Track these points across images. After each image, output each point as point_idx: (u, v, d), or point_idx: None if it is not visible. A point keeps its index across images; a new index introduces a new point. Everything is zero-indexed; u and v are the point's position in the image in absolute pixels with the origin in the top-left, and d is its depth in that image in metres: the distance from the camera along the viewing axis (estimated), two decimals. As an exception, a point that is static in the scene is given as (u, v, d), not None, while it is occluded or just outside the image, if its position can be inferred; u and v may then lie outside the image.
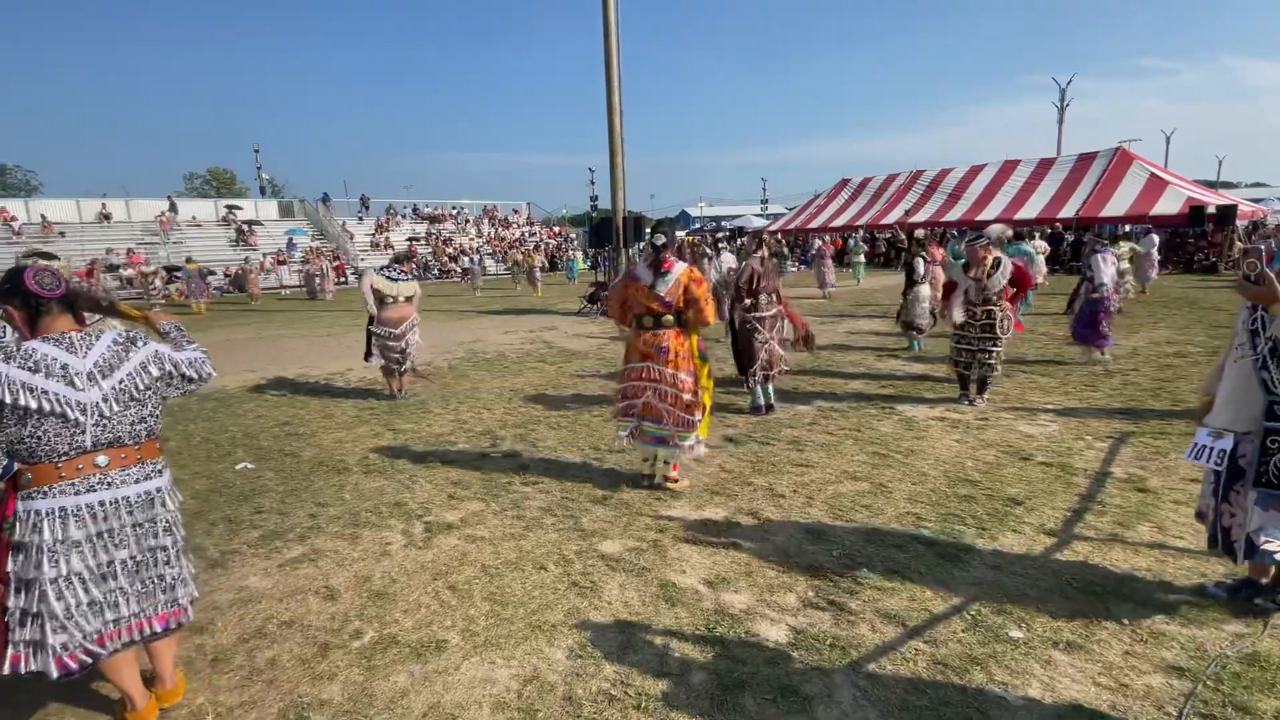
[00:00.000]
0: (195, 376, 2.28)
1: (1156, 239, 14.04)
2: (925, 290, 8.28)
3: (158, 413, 2.22)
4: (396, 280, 6.61)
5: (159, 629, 2.20)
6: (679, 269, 3.90)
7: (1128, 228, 19.95)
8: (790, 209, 40.32)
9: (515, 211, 39.18)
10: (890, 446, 4.76)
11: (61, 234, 26.03)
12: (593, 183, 39.69)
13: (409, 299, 6.66)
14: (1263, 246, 13.05)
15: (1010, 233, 6.10)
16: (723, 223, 42.42)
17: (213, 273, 22.45)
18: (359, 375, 8.08)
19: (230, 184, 58.88)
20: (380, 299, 6.51)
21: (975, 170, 26.95)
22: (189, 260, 19.78)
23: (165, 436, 5.60)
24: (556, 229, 39.20)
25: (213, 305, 19.25)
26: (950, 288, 5.99)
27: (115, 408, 2.06)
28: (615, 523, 3.65)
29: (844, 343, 9.35)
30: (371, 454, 5.02)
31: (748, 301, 5.66)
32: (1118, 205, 21.39)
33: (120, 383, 2.07)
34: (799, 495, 3.93)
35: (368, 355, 6.78)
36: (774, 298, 5.71)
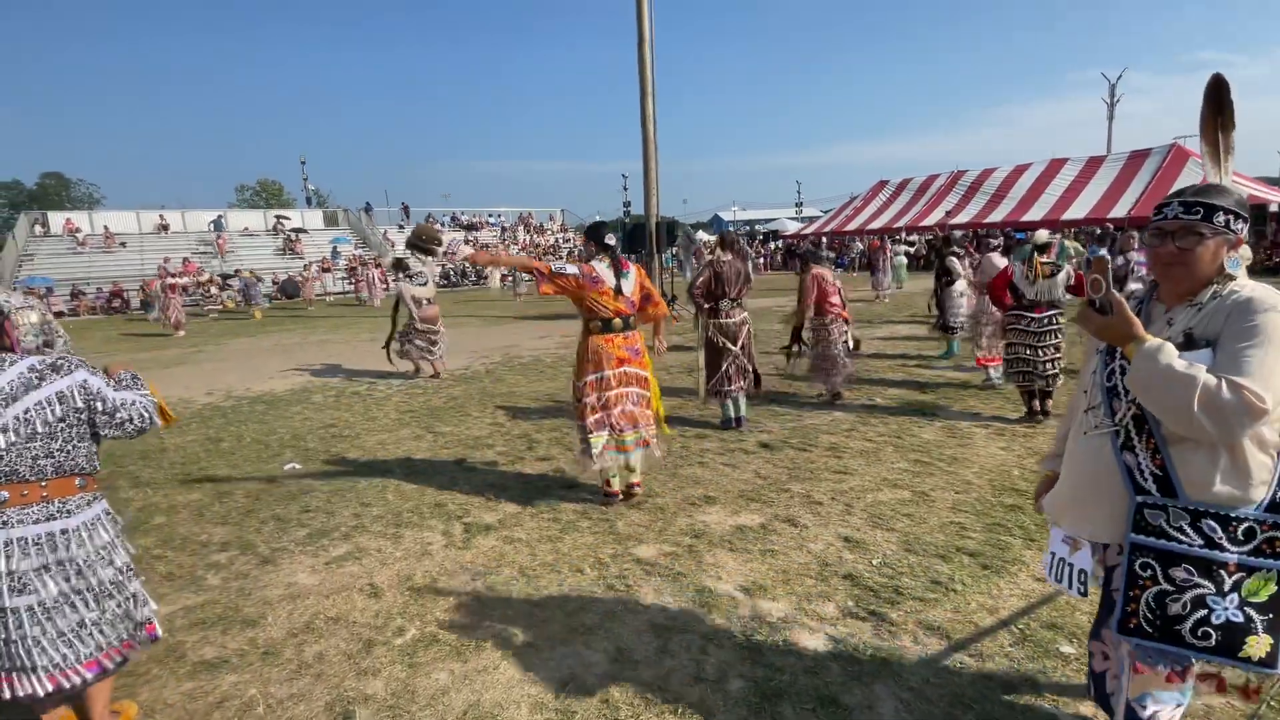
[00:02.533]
0: (126, 419, 2.09)
1: None
2: (960, 286, 8.04)
3: (81, 449, 2.04)
4: (425, 284, 8.39)
5: (89, 676, 2.04)
6: (633, 268, 3.98)
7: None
8: (826, 211, 39.80)
9: (550, 218, 39.69)
10: (932, 454, 4.65)
11: (123, 244, 27.45)
12: (625, 188, 39.97)
13: (431, 300, 8.33)
14: (1104, 253, 8.05)
15: (1056, 236, 5.88)
16: (756, 226, 42.14)
17: (261, 280, 23.36)
18: (401, 379, 8.27)
19: (278, 195, 61.22)
20: (418, 303, 8.13)
21: (1020, 169, 26.14)
22: (248, 271, 20.66)
23: (219, 438, 5.87)
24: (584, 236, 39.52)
25: (262, 312, 19.99)
26: (999, 288, 5.78)
27: (14, 439, 1.91)
28: (650, 527, 3.66)
29: (881, 350, 9.18)
30: (413, 456, 5.14)
31: (706, 307, 5.42)
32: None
33: (25, 412, 1.92)
34: (837, 503, 3.87)
35: (388, 344, 8.26)
36: (739, 304, 5.46)
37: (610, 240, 3.89)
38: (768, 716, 2.16)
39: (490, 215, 38.24)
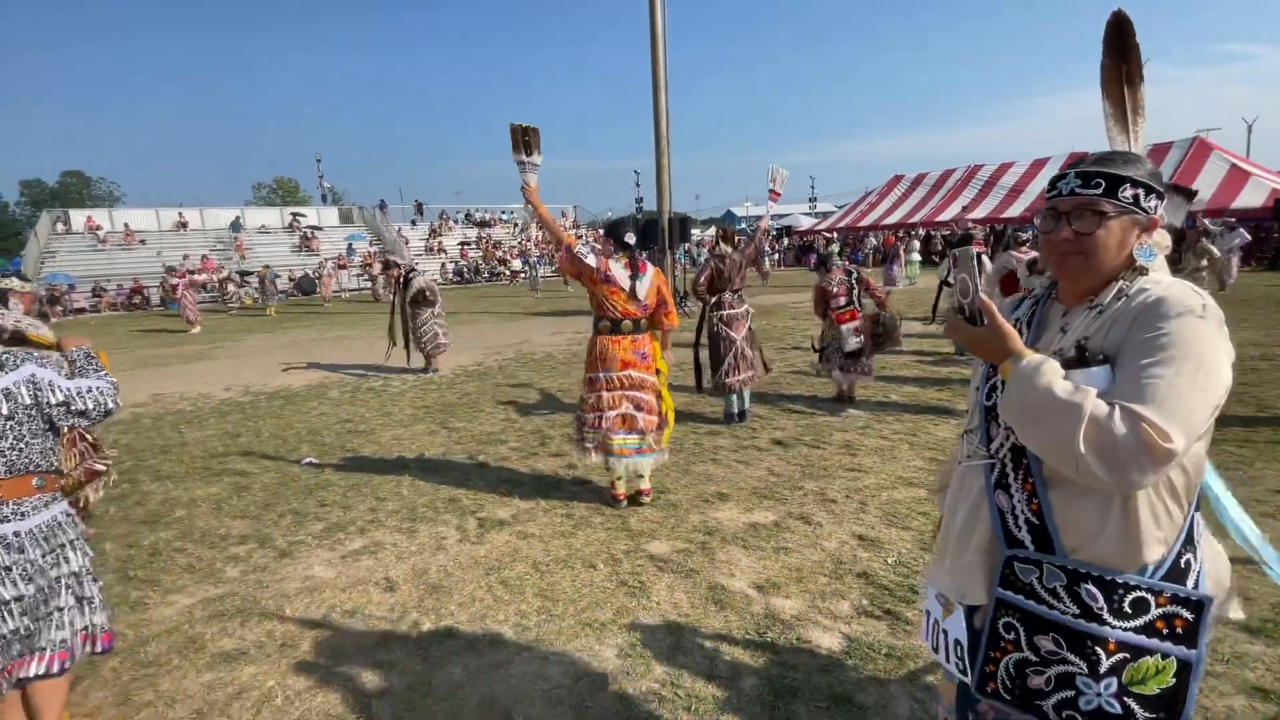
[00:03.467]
0: (85, 409, 2.01)
1: (1244, 235, 13.15)
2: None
3: (35, 445, 1.97)
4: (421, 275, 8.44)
5: (36, 671, 1.97)
6: (651, 270, 3.90)
7: (1207, 221, 18.74)
8: (840, 207, 39.48)
9: (563, 215, 39.69)
10: (948, 451, 4.61)
11: (142, 241, 27.84)
12: (638, 185, 39.79)
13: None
14: (974, 249, 6.63)
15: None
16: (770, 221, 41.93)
17: (278, 276, 23.61)
18: (415, 375, 8.34)
19: (294, 192, 61.82)
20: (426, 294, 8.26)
21: (1039, 164, 25.78)
22: (265, 267, 20.90)
23: (238, 432, 5.95)
24: (602, 231, 39.54)
25: (278, 308, 20.21)
26: (1009, 281, 5.73)
27: None
28: (663, 524, 3.66)
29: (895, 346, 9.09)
30: (427, 451, 5.18)
31: (711, 300, 5.50)
32: (1196, 198, 20.10)
33: None
34: (852, 500, 3.85)
35: (397, 337, 8.53)
36: (741, 296, 5.51)
37: (630, 239, 3.82)
38: (781, 715, 2.16)
39: (503, 212, 38.34)
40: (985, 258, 7.84)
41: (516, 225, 36.86)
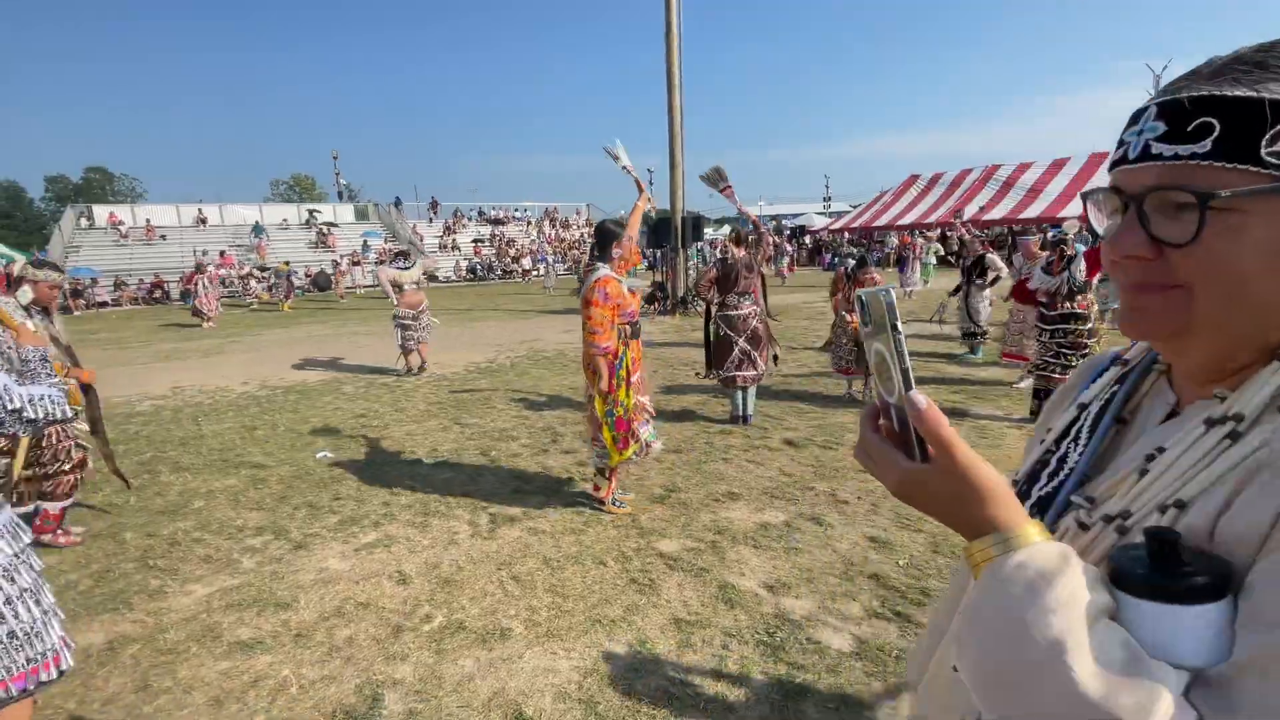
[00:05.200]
0: (35, 417, 1.91)
1: None
2: (986, 293, 7.89)
3: None
4: (406, 269, 8.18)
5: None
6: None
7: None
8: (855, 206, 39.21)
9: (576, 213, 39.79)
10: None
11: (163, 237, 28.28)
12: (651, 183, 39.77)
13: (417, 283, 8.11)
14: (886, 295, 3.71)
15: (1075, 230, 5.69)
16: (783, 221, 41.77)
17: (295, 273, 23.89)
18: (429, 373, 8.41)
19: (310, 189, 62.53)
20: (398, 287, 7.91)
21: (1058, 164, 25.45)
22: (284, 263, 21.18)
23: (254, 426, 6.04)
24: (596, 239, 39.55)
25: (295, 304, 20.46)
26: (1023, 290, 5.67)
27: None
28: (673, 522, 3.67)
29: (910, 348, 9.02)
30: (440, 446, 5.23)
31: (717, 299, 5.49)
32: None
33: None
34: (863, 502, 3.83)
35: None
36: (747, 298, 5.45)
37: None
38: (790, 714, 2.16)
39: (517, 210, 38.48)
40: (998, 264, 7.72)
41: (530, 223, 36.94)
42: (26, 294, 3.62)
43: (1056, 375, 5.09)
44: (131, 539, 3.73)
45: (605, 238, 3.68)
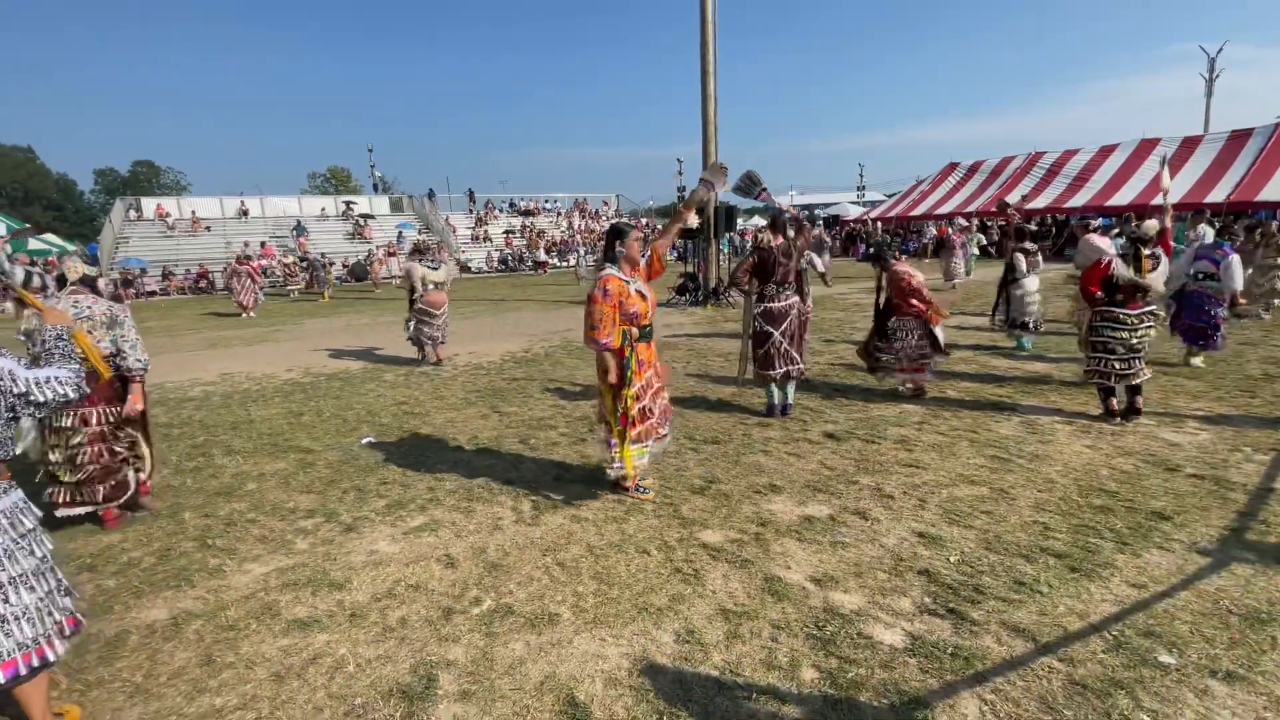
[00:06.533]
0: (44, 400, 1.96)
1: None
2: (1031, 284, 7.64)
3: None
4: (436, 268, 8.28)
5: (23, 671, 1.94)
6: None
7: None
8: (890, 195, 38.35)
9: (605, 203, 39.76)
10: (1011, 450, 4.45)
11: (208, 228, 29.13)
12: (680, 173, 39.42)
13: (440, 285, 8.20)
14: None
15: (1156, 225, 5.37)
16: (816, 211, 41.09)
17: (332, 263, 24.40)
18: (465, 360, 8.51)
19: (346, 182, 63.75)
20: (425, 284, 8.06)
21: (1106, 151, 24.48)
22: (320, 254, 21.67)
23: (300, 411, 6.19)
24: (644, 220, 39.45)
25: (334, 293, 20.92)
26: (1093, 280, 5.39)
27: None
28: (715, 513, 3.65)
29: (954, 340, 8.81)
30: (480, 434, 5.29)
31: (755, 293, 5.37)
32: (1277, 188, 18.76)
33: None
34: (910, 497, 3.76)
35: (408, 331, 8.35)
36: (787, 288, 5.30)
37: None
38: (844, 708, 2.13)
39: (546, 201, 38.64)
40: (1027, 255, 7.37)
41: (560, 214, 37.03)
42: (78, 268, 3.77)
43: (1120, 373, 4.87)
44: (190, 519, 3.86)
45: (610, 237, 3.69)
